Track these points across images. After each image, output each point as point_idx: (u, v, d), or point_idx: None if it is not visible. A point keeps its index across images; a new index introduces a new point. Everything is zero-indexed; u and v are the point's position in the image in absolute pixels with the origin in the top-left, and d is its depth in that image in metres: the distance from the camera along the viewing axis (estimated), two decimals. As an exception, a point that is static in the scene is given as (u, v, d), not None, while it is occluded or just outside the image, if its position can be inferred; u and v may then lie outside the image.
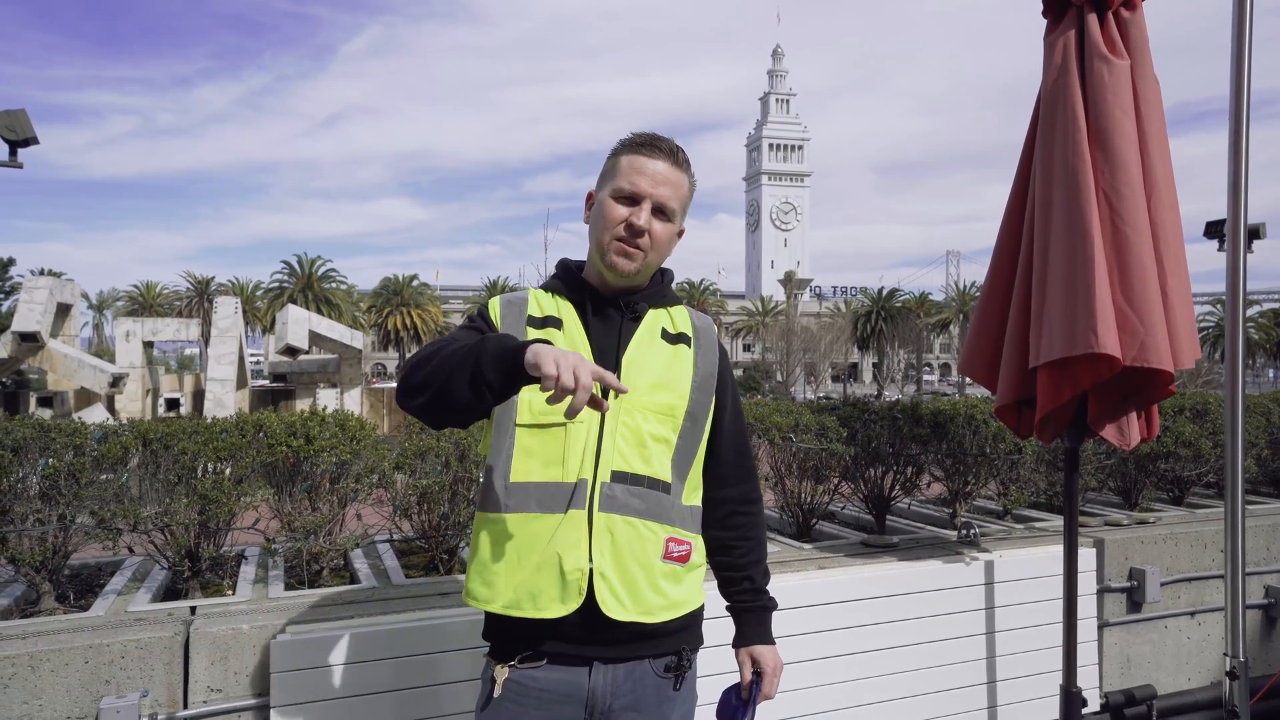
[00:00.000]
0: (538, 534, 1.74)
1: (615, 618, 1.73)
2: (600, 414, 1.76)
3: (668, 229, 1.84)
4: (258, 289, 64.10)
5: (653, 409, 1.81)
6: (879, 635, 3.29)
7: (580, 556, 1.72)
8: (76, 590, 3.07)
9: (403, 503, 3.09)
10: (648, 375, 1.83)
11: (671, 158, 1.83)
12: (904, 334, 68.72)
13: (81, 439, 2.72)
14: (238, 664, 2.56)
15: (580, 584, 1.72)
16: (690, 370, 1.88)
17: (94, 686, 2.41)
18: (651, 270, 1.89)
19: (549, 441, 1.76)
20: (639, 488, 1.77)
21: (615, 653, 1.77)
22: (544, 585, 1.73)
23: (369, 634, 2.63)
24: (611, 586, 1.73)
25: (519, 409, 1.78)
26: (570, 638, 1.75)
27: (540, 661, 1.77)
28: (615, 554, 1.74)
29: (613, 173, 1.85)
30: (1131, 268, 2.79)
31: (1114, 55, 2.87)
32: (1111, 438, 2.99)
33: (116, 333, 21.11)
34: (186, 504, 2.74)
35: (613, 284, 1.87)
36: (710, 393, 1.90)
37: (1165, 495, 4.75)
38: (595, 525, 1.73)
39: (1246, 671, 3.25)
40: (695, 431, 1.87)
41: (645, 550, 1.76)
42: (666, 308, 1.94)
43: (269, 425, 2.93)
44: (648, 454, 1.78)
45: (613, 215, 1.81)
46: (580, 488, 1.74)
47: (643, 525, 1.76)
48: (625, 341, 1.85)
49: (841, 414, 3.89)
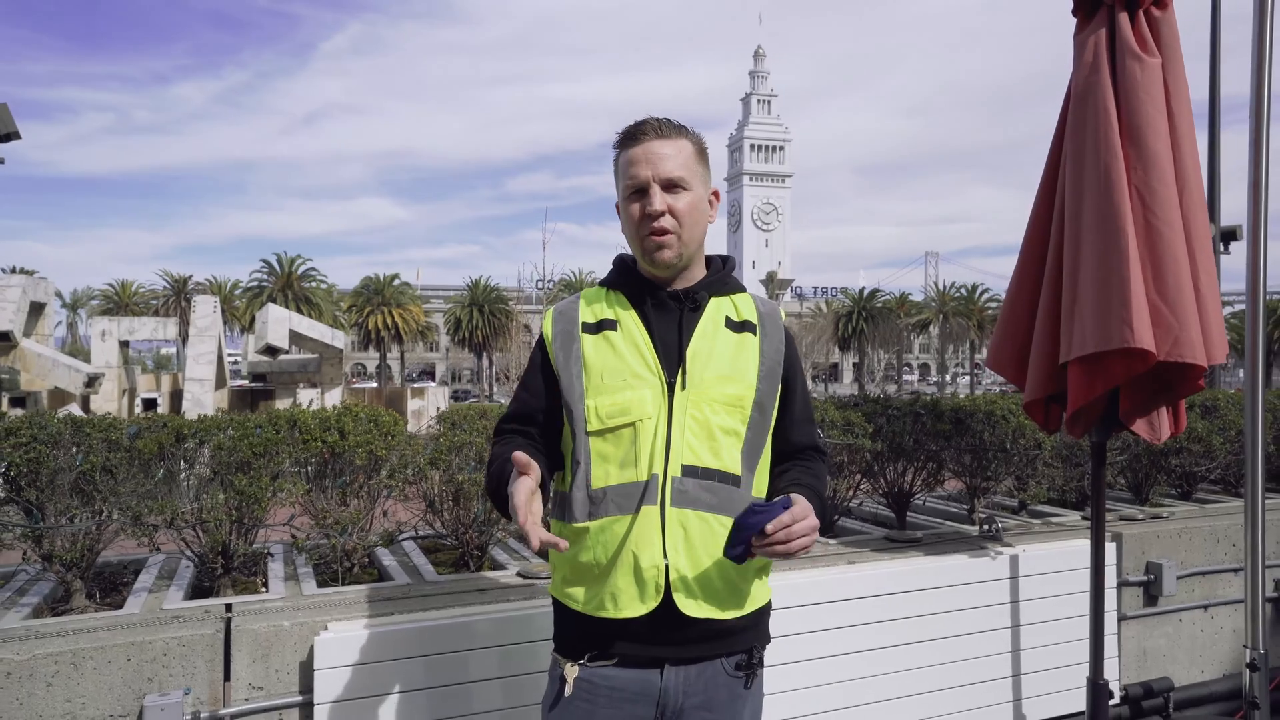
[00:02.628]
0: (616, 534, 1.74)
1: (691, 614, 1.72)
2: (668, 409, 1.76)
3: (688, 199, 1.79)
4: (236, 288, 63.43)
5: (721, 401, 1.78)
6: (907, 629, 3.30)
7: (655, 554, 1.71)
8: (101, 588, 3.02)
9: (438, 499, 3.06)
10: (714, 367, 1.80)
11: (658, 133, 1.80)
12: (884, 334, 69.18)
13: (117, 433, 2.68)
14: (279, 661, 2.53)
15: (658, 581, 1.71)
16: (756, 359, 1.84)
17: (137, 684, 2.38)
18: (694, 246, 1.84)
19: (621, 443, 1.75)
20: (710, 481, 1.74)
21: (687, 653, 1.76)
22: (623, 585, 1.72)
23: (410, 630, 2.61)
24: (687, 584, 1.72)
25: (587, 417, 1.78)
26: (642, 638, 1.74)
27: (611, 661, 1.75)
28: (689, 550, 1.72)
29: (618, 176, 1.84)
30: (1165, 263, 2.82)
31: (1146, 54, 2.90)
32: (1143, 432, 3.02)
33: (92, 332, 20.82)
34: (224, 499, 2.70)
35: (665, 276, 1.84)
36: (777, 381, 1.87)
37: (1175, 491, 4.81)
38: (668, 521, 1.72)
39: (1267, 663, 3.29)
40: (763, 422, 1.84)
41: (718, 545, 1.73)
42: (730, 295, 1.91)
43: (304, 420, 2.90)
44: (717, 447, 1.76)
45: (633, 214, 1.80)
46: (651, 484, 1.72)
47: (715, 519, 1.74)
48: (688, 333, 1.82)
49: (865, 409, 3.91)
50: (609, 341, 1.81)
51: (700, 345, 1.81)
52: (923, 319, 77.53)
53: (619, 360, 1.78)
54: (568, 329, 1.85)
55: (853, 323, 73.76)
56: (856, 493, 4.04)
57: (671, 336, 1.81)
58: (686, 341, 1.80)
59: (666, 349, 1.80)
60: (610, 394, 1.76)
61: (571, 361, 1.81)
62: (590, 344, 1.81)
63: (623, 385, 1.76)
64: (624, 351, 1.80)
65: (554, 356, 1.84)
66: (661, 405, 1.75)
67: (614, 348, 1.80)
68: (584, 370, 1.80)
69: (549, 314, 1.91)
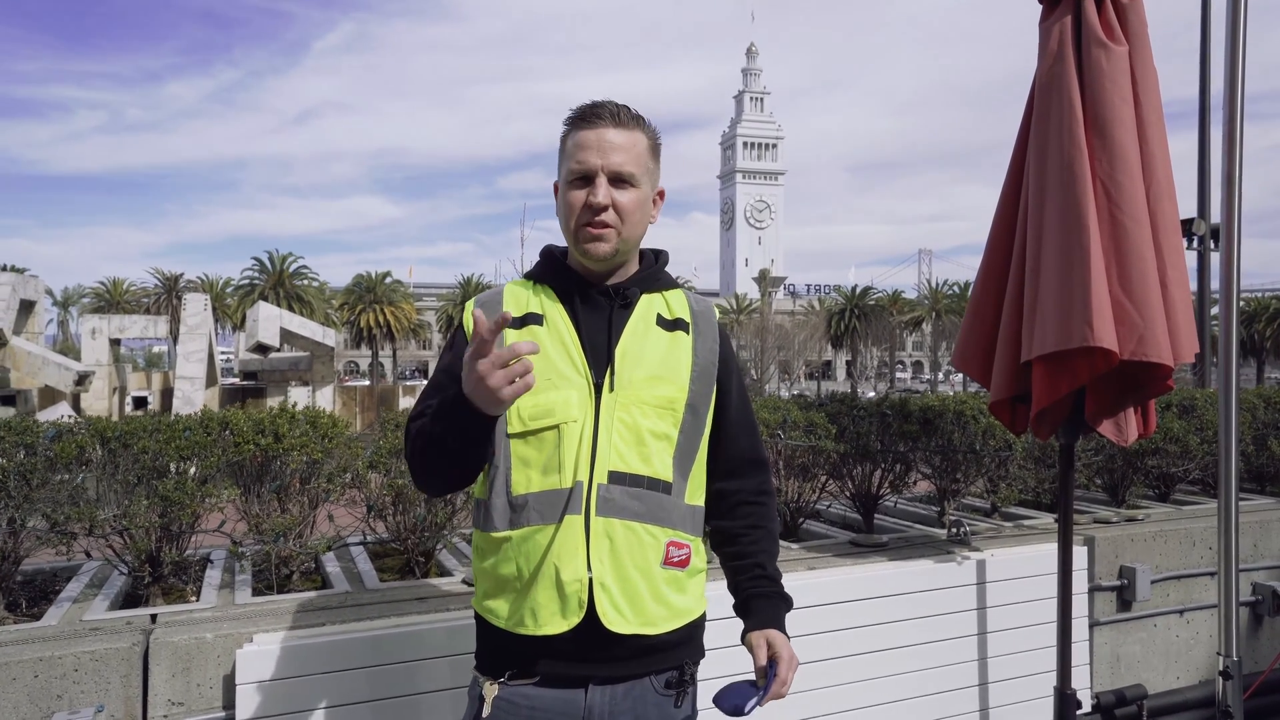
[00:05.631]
0: (538, 545, 1.63)
1: (617, 630, 1.61)
2: (595, 411, 1.65)
3: (634, 196, 1.69)
4: (228, 286, 63.20)
5: (651, 403, 1.68)
6: (869, 637, 3.20)
7: (578, 566, 1.60)
8: (29, 598, 2.90)
9: (377, 503, 2.95)
10: (644, 367, 1.69)
11: (614, 120, 1.69)
12: (877, 331, 69.23)
13: (33, 438, 2.56)
14: (201, 675, 2.42)
15: (580, 596, 1.60)
16: (689, 359, 1.74)
17: (44, 701, 2.26)
18: (632, 244, 1.74)
19: (544, 447, 1.65)
20: (638, 489, 1.64)
21: (614, 670, 1.65)
22: (544, 599, 1.61)
23: (342, 642, 2.50)
24: (612, 597, 1.61)
25: (509, 418, 1.66)
26: (565, 655, 1.63)
27: (532, 679, 1.65)
28: (615, 561, 1.62)
29: (563, 157, 1.73)
30: (1130, 259, 2.72)
31: (1112, 41, 2.80)
32: (1109, 434, 2.92)
33: (82, 330, 20.67)
34: (147, 506, 2.58)
35: (597, 270, 1.74)
36: (711, 382, 1.76)
37: (1152, 492, 4.71)
38: (593, 531, 1.61)
39: (1240, 671, 3.20)
40: (697, 425, 1.74)
41: (646, 556, 1.64)
42: (662, 292, 1.80)
43: (236, 423, 2.78)
44: (647, 452, 1.66)
45: (572, 202, 1.68)
46: (576, 492, 1.62)
47: (642, 529, 1.64)
48: (617, 331, 1.71)
49: (829, 410, 3.80)
50: (533, 336, 1.69)
51: (630, 344, 1.71)
52: (915, 316, 77.61)
53: (543, 359, 1.67)
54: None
55: (845, 320, 73.76)
56: (823, 495, 3.93)
57: (600, 335, 1.71)
58: (616, 340, 1.70)
59: (594, 347, 1.69)
60: (533, 394, 1.63)
61: None
62: (513, 338, 1.68)
63: (547, 385, 1.65)
64: (549, 348, 1.69)
65: None
66: (588, 407, 1.65)
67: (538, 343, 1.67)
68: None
69: (470, 306, 1.76)
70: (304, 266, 62.01)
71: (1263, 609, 4.18)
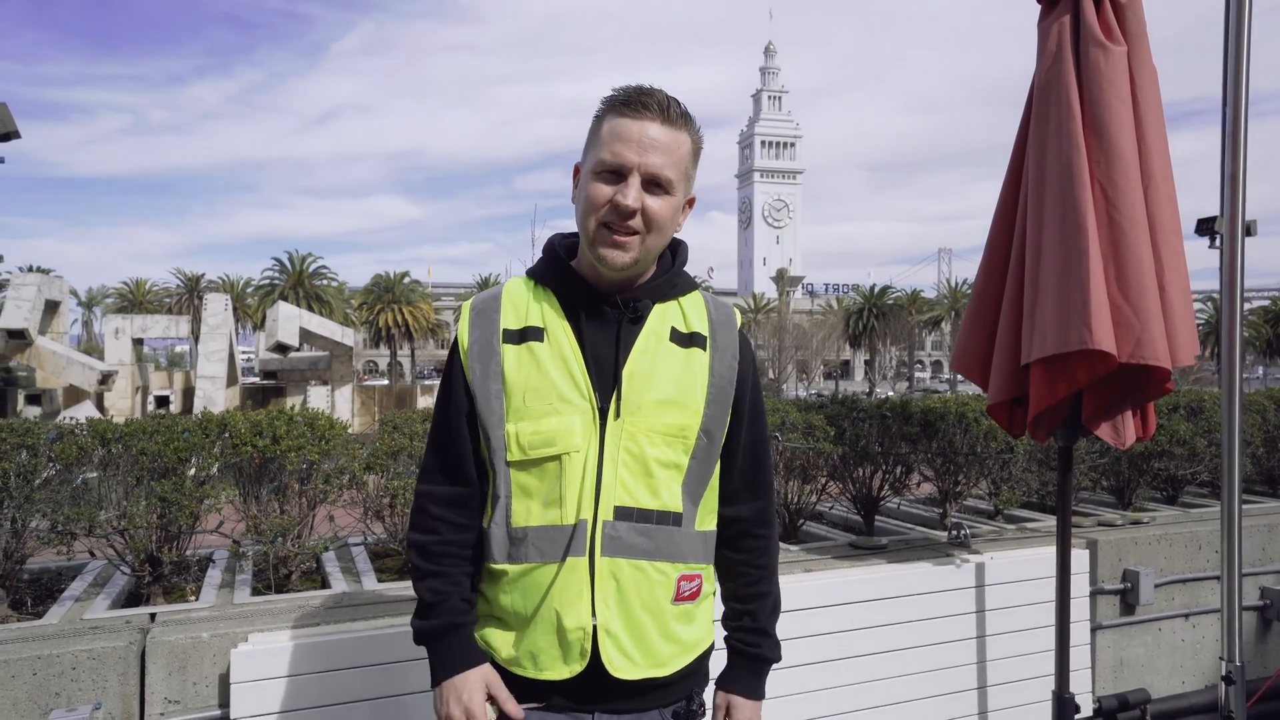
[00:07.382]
0: (538, 584, 1.52)
1: (623, 678, 1.53)
2: (600, 440, 1.53)
3: (667, 204, 1.52)
4: (248, 286, 63.74)
5: (660, 431, 1.55)
6: (867, 640, 3.19)
7: (582, 613, 1.50)
8: (35, 596, 2.95)
9: (374, 504, 2.97)
10: (655, 389, 1.55)
11: (662, 114, 1.50)
12: (896, 331, 68.82)
13: (34, 439, 2.60)
14: (197, 674, 2.45)
15: (584, 644, 1.51)
16: (705, 379, 1.59)
17: (42, 699, 2.30)
18: (654, 255, 1.57)
19: (545, 477, 1.53)
20: (647, 524, 1.53)
21: (621, 705, 1.57)
22: (543, 645, 1.52)
23: (336, 642, 2.52)
24: (619, 644, 1.52)
25: (507, 444, 1.54)
26: (567, 694, 1.56)
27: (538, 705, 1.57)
28: (622, 604, 1.52)
29: (595, 141, 1.54)
30: (1127, 261, 2.70)
31: (1110, 41, 2.78)
32: (1107, 436, 2.90)
33: (106, 330, 21.00)
34: (146, 506, 2.62)
35: (608, 277, 1.57)
36: (727, 404, 1.62)
37: (1159, 494, 4.67)
38: (598, 574, 1.50)
39: (1243, 676, 3.16)
40: (711, 450, 1.61)
41: (655, 595, 1.54)
42: (678, 299, 1.64)
43: (234, 425, 2.82)
44: (655, 484, 1.54)
45: (596, 196, 1.50)
46: (579, 530, 1.50)
47: (652, 567, 1.54)
48: (626, 349, 1.56)
49: (829, 412, 3.80)
50: (533, 355, 1.55)
51: (639, 364, 1.56)
52: (935, 316, 77.06)
53: (544, 379, 1.54)
54: (486, 337, 1.58)
55: (864, 320, 73.31)
56: (823, 496, 3.93)
57: (606, 351, 1.56)
58: (624, 359, 1.56)
59: (600, 366, 1.55)
60: (533, 419, 1.53)
61: (490, 378, 1.56)
62: (512, 357, 1.56)
63: (548, 410, 1.53)
64: (550, 369, 1.55)
65: (470, 371, 1.58)
66: (592, 436, 1.53)
67: (539, 363, 1.55)
68: (504, 389, 1.55)
69: (465, 312, 1.62)
70: (323, 267, 62.48)
71: (1271, 613, 4.13)
